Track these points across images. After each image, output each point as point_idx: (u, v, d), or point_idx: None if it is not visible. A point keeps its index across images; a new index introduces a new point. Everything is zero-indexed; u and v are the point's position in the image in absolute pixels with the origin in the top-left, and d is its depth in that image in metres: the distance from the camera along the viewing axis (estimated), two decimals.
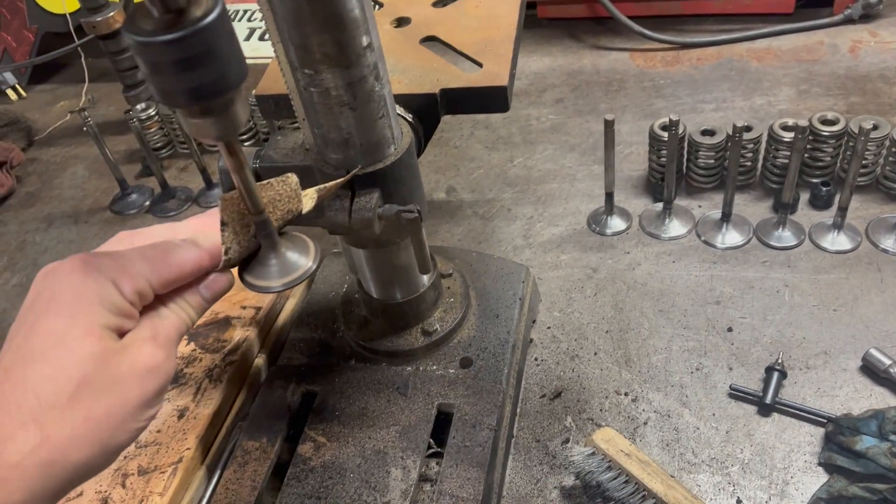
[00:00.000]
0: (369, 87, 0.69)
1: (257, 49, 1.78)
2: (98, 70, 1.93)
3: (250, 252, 0.61)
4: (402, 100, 0.85)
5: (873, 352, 0.93)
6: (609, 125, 1.07)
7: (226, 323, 1.03)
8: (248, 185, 0.55)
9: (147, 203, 1.46)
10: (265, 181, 0.62)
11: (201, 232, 0.60)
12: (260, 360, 1.01)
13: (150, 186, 1.49)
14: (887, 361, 0.92)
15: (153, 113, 1.52)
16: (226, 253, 0.58)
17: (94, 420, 0.49)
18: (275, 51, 0.70)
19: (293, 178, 0.64)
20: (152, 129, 1.53)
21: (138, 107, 1.53)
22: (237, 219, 0.59)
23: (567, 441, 0.92)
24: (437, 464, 0.84)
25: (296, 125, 0.86)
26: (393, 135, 0.75)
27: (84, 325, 0.50)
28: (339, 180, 0.70)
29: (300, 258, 0.61)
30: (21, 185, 1.59)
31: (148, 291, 0.54)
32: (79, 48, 1.78)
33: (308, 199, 0.65)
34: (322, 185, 0.68)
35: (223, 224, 0.58)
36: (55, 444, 0.48)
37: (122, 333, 0.53)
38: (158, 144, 1.56)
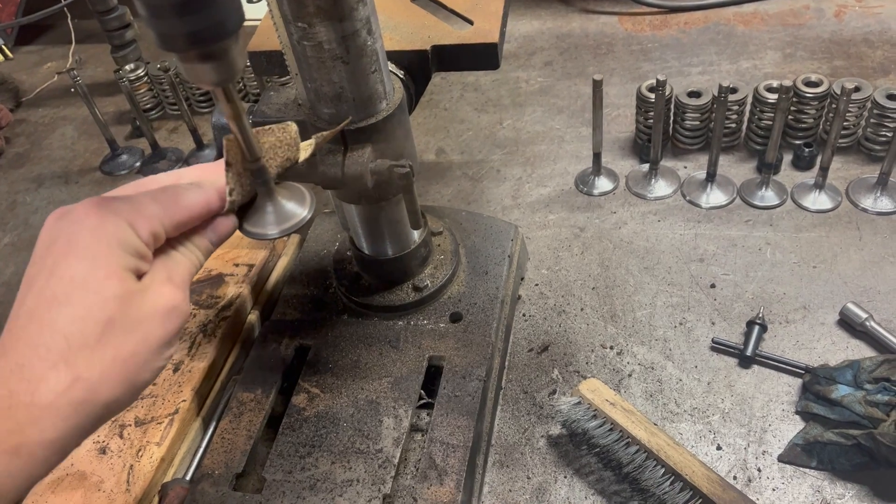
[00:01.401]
0: (362, 41, 0.70)
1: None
2: (85, 31, 1.90)
3: (251, 198, 0.62)
4: (393, 56, 0.85)
5: (850, 306, 0.96)
6: (597, 85, 1.08)
7: (219, 280, 1.04)
8: (245, 132, 0.56)
9: (137, 164, 1.46)
10: (266, 126, 0.63)
11: (204, 178, 0.61)
12: (253, 317, 1.03)
13: (141, 147, 1.49)
14: (863, 315, 0.95)
15: (142, 73, 1.51)
16: (230, 194, 0.59)
17: (121, 359, 0.51)
18: (268, 4, 0.70)
19: (293, 127, 0.65)
20: (142, 90, 1.53)
21: (127, 67, 1.53)
22: (240, 160, 0.60)
23: (554, 392, 0.95)
24: (427, 415, 0.87)
25: (285, 83, 0.87)
26: (385, 90, 0.76)
27: (105, 268, 0.50)
28: (336, 129, 0.71)
29: (296, 207, 0.63)
30: (10, 145, 1.58)
31: (161, 233, 0.55)
32: (65, 8, 1.76)
33: (304, 150, 0.67)
34: (319, 134, 0.69)
35: (228, 164, 0.59)
36: (86, 384, 0.49)
37: (139, 275, 0.54)
38: (148, 105, 1.56)
